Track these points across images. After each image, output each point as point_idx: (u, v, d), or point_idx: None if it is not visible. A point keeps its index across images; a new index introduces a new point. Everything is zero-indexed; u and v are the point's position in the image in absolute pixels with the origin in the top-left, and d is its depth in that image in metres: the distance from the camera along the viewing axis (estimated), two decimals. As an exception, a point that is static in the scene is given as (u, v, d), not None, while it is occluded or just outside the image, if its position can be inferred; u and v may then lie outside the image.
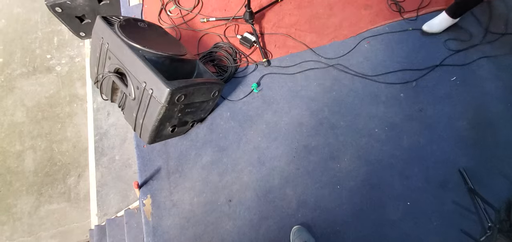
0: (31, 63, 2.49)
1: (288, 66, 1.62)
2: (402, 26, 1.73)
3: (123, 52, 1.12)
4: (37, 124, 2.20)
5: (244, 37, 1.65)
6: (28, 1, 2.85)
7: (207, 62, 1.60)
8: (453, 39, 1.67)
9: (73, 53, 2.53)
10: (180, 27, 1.74)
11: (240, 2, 1.84)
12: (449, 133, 1.42)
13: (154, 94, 1.06)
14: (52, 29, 2.66)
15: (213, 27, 1.73)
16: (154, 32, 1.35)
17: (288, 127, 1.46)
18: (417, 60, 1.62)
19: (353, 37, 1.70)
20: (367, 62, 1.62)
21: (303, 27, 1.74)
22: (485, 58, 1.62)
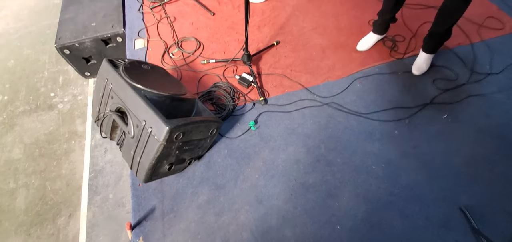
0: (34, 101, 2.55)
1: (285, 104, 1.67)
2: (391, 68, 1.83)
3: (125, 92, 1.17)
4: (33, 161, 2.19)
5: (242, 77, 1.73)
6: (38, 43, 3.02)
7: (206, 100, 1.66)
8: (441, 79, 1.76)
9: (76, 91, 2.61)
10: (181, 68, 1.84)
11: (238, 45, 1.97)
12: (447, 170, 1.42)
13: (153, 132, 1.09)
14: (58, 69, 2.78)
15: (212, 68, 1.83)
16: (157, 73, 1.42)
17: (285, 164, 1.46)
18: (408, 99, 1.68)
19: (345, 77, 1.79)
20: (360, 101, 1.68)
21: (298, 68, 1.84)
22: (474, 97, 1.68)
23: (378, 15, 1.82)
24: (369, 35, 1.91)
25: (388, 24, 1.85)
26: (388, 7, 1.72)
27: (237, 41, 2.00)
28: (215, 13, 2.20)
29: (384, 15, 1.77)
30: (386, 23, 1.83)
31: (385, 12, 1.75)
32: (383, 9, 1.76)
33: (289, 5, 2.26)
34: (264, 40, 2.01)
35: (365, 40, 1.91)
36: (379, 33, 1.88)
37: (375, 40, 1.91)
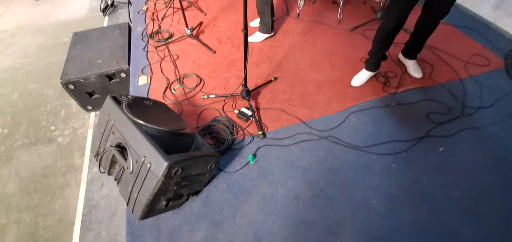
0: (34, 134, 2.57)
1: (283, 138, 1.69)
2: (385, 102, 1.89)
3: (127, 127, 1.19)
4: (27, 196, 2.14)
5: (241, 112, 1.77)
6: (44, 78, 3.12)
7: (205, 135, 1.68)
8: (434, 113, 1.81)
9: (77, 125, 2.64)
10: (182, 103, 1.89)
11: (238, 81, 2.05)
12: (448, 204, 1.41)
13: (152, 167, 1.09)
14: (61, 102, 2.84)
15: (212, 103, 1.88)
16: (158, 108, 1.46)
17: (284, 199, 1.44)
18: (403, 132, 1.71)
19: (341, 111, 1.84)
20: (357, 134, 1.71)
21: (295, 102, 1.89)
22: (468, 130, 1.72)
23: (369, 54, 1.94)
24: (362, 72, 2.01)
25: (379, 62, 1.95)
26: (378, 49, 1.85)
27: (237, 77, 2.09)
28: (216, 51, 2.32)
29: (375, 55, 1.89)
30: (377, 61, 1.93)
31: (375, 52, 1.87)
32: (373, 50, 1.88)
33: (285, 44, 2.39)
34: (262, 76, 2.10)
35: (358, 77, 2.00)
36: (371, 70, 1.98)
37: (368, 77, 2.00)
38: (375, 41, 1.85)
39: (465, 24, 2.55)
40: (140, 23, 2.69)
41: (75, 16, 4.10)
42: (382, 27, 1.77)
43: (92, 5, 4.25)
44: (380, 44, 1.83)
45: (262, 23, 2.34)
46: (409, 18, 1.70)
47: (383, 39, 1.80)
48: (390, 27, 1.71)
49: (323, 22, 2.63)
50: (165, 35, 2.50)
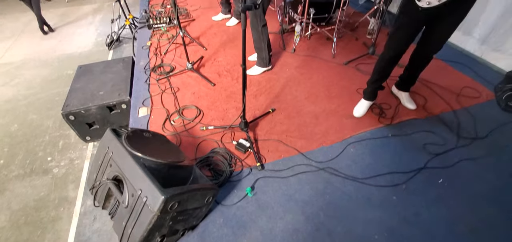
0: (30, 165, 2.54)
1: (281, 170, 1.68)
2: (382, 133, 1.92)
3: (125, 160, 1.19)
4: (16, 230, 2.05)
5: (240, 143, 1.78)
6: (45, 109, 3.16)
7: (203, 166, 1.67)
8: (430, 144, 1.83)
9: (74, 155, 2.62)
10: (181, 134, 1.91)
11: (236, 113, 2.09)
12: (452, 239, 1.37)
13: (148, 202, 1.07)
14: (60, 133, 2.85)
15: (211, 134, 1.90)
16: (157, 141, 1.47)
17: (283, 234, 1.39)
18: (401, 163, 1.72)
19: (339, 142, 1.85)
20: (355, 166, 1.71)
21: (293, 134, 1.91)
22: (465, 161, 1.73)
23: (367, 84, 2.01)
24: (361, 102, 2.07)
25: (376, 92, 2.02)
26: (376, 78, 1.93)
27: (235, 109, 2.13)
28: (216, 83, 2.40)
29: (373, 84, 1.97)
30: (375, 90, 2.00)
31: (373, 81, 1.95)
32: (372, 79, 1.96)
33: (283, 77, 2.48)
34: (261, 108, 2.14)
35: (359, 107, 2.06)
36: (370, 99, 2.04)
37: (368, 106, 2.05)
38: (375, 71, 1.93)
39: (454, 59, 2.68)
40: (144, 58, 2.80)
41: (81, 50, 4.26)
42: (383, 56, 1.85)
43: (98, 40, 4.44)
44: (380, 73, 1.91)
45: (260, 58, 2.45)
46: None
47: (383, 68, 1.89)
48: (390, 56, 1.80)
49: (318, 56, 2.76)
50: (167, 68, 2.59)
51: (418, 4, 1.51)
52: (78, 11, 5.59)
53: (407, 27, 1.67)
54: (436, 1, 1.45)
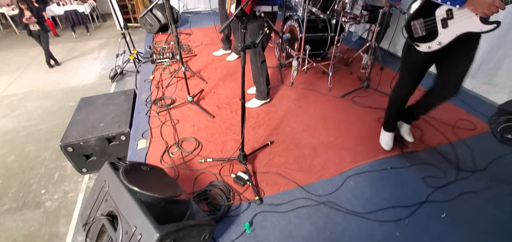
0: (23, 198, 2.47)
1: (280, 204, 1.65)
2: (381, 165, 1.92)
3: (121, 195, 1.17)
4: (0, 270, 1.94)
5: (238, 176, 1.77)
6: (43, 140, 3.16)
7: (201, 200, 1.64)
8: (430, 177, 1.82)
9: (68, 188, 2.57)
10: (179, 167, 1.89)
11: (235, 145, 2.10)
12: (460, 280, 1.30)
13: (142, 239, 1.04)
14: (57, 165, 2.82)
15: (209, 167, 1.89)
16: (155, 174, 1.46)
17: (283, 275, 1.33)
18: (402, 196, 1.69)
19: (338, 175, 1.84)
20: (355, 199, 1.68)
21: (292, 166, 1.91)
22: (466, 194, 1.71)
23: (386, 118, 2.05)
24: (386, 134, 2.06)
25: (396, 123, 2.05)
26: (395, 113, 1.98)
27: (234, 141, 2.14)
28: (215, 116, 2.44)
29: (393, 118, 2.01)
30: (395, 122, 2.04)
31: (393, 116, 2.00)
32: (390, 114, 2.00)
33: (281, 109, 2.53)
34: (259, 140, 2.16)
35: (385, 140, 2.05)
36: (393, 131, 2.06)
37: (392, 136, 2.06)
38: (392, 107, 1.97)
39: (446, 92, 2.76)
40: (146, 90, 2.88)
41: (85, 82, 4.38)
42: (396, 95, 1.89)
43: (102, 73, 4.59)
44: (397, 108, 1.95)
45: (258, 91, 2.52)
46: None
47: (398, 106, 1.93)
48: (403, 95, 1.85)
49: (315, 89, 2.84)
50: (168, 101, 2.65)
51: (418, 49, 1.54)
52: (85, 46, 5.84)
53: (414, 68, 1.68)
54: (437, 45, 1.46)
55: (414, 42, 1.55)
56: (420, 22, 1.50)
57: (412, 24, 1.54)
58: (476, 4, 1.25)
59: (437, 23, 1.43)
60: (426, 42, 1.50)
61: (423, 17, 1.49)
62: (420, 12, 1.51)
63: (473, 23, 1.33)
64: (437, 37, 1.45)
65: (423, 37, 1.51)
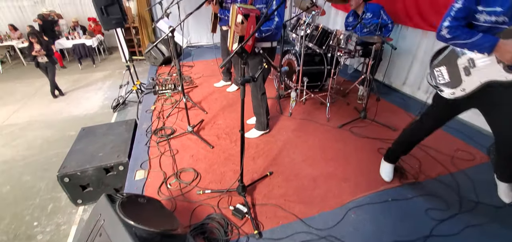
0: (14, 230, 2.38)
1: (280, 239, 1.59)
2: (381, 197, 1.89)
3: (116, 229, 1.15)
4: None
5: (237, 209, 1.73)
6: (41, 170, 3.13)
7: (198, 234, 1.59)
8: (433, 209, 1.78)
9: (61, 220, 2.49)
10: (177, 198, 1.86)
11: (234, 176, 2.08)
12: None
13: (135, 277, 0.99)
14: (52, 195, 2.76)
15: (208, 199, 1.85)
16: (151, 206, 1.43)
17: None
18: (405, 230, 1.64)
19: (339, 207, 1.80)
20: (357, 233, 1.63)
21: (291, 198, 1.87)
22: (471, 228, 1.66)
23: (394, 148, 1.99)
24: (387, 165, 2.05)
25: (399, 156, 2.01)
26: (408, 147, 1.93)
27: (233, 171, 2.13)
28: (214, 146, 2.45)
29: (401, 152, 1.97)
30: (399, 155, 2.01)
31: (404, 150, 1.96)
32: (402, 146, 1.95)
33: (280, 139, 2.55)
34: (258, 170, 2.15)
35: (386, 171, 2.04)
36: (393, 162, 2.04)
37: (393, 168, 2.04)
38: (404, 142, 1.91)
39: (443, 122, 2.80)
40: (146, 121, 2.92)
41: (87, 112, 4.45)
42: (417, 132, 1.83)
43: (105, 103, 4.68)
44: (409, 145, 1.91)
45: (258, 122, 2.56)
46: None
47: (414, 142, 1.88)
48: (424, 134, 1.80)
49: (314, 120, 2.89)
50: (168, 131, 2.68)
51: (442, 95, 1.51)
52: (90, 77, 6.02)
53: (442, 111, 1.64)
54: (460, 92, 1.42)
55: (438, 87, 1.54)
56: (444, 69, 1.49)
57: (436, 70, 1.53)
58: (503, 52, 1.22)
59: (460, 71, 1.42)
60: (450, 88, 1.48)
61: (446, 65, 1.48)
62: (444, 59, 1.49)
63: (496, 71, 1.29)
64: (461, 84, 1.42)
65: (447, 83, 1.49)
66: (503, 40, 1.21)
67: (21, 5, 7.22)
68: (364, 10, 3.09)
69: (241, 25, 1.98)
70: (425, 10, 3.05)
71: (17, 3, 7.16)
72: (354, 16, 3.25)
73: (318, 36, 2.85)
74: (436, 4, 2.92)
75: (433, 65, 1.55)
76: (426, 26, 3.09)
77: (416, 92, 3.45)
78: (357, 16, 3.19)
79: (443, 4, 2.84)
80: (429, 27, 3.06)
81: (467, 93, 1.42)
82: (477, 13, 1.26)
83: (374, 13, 3.03)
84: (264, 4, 2.09)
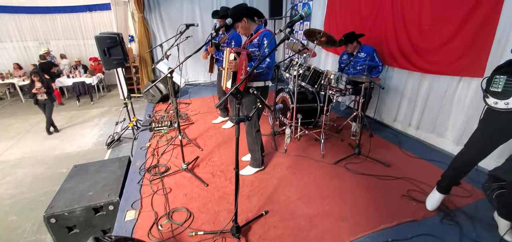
0: (-11, 279, 2.21)
1: (276, 285, 1.51)
2: (381, 237, 1.84)
3: (101, 276, 1.08)
4: None
5: (230, 252, 1.65)
6: (28, 209, 2.99)
7: (188, 281, 1.49)
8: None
9: (43, 266, 2.33)
10: (168, 241, 1.78)
11: (228, 215, 2.02)
12: None
13: None
14: (36, 237, 2.60)
15: (200, 241, 1.78)
16: (140, 250, 1.37)
17: None
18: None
19: (337, 250, 1.74)
20: (357, 278, 1.55)
21: (287, 239, 1.81)
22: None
23: (444, 180, 2.02)
24: (435, 193, 2.08)
25: (451, 186, 2.03)
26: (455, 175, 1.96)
27: (228, 211, 2.07)
28: (209, 184, 2.41)
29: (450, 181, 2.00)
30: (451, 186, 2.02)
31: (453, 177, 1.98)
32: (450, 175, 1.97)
33: (275, 177, 2.54)
34: (253, 209, 2.09)
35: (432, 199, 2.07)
36: (445, 193, 2.05)
37: (441, 199, 2.06)
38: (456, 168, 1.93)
39: (435, 158, 2.84)
40: (141, 158, 2.90)
41: (80, 148, 4.40)
42: (463, 157, 1.86)
43: (99, 140, 4.65)
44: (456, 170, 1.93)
45: (253, 158, 2.57)
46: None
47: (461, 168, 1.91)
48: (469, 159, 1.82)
49: (309, 156, 2.90)
50: (162, 169, 2.65)
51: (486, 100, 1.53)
52: (87, 114, 6.06)
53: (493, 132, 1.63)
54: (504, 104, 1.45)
55: (486, 92, 1.56)
56: (503, 78, 1.50)
57: (495, 76, 1.55)
58: None
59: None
60: (496, 97, 1.49)
61: (507, 75, 1.49)
62: (507, 70, 1.50)
63: None
64: (509, 99, 1.44)
65: (497, 92, 1.50)
66: None
67: (26, 46, 7.52)
68: (359, 50, 3.36)
69: (234, 61, 2.11)
70: (409, 53, 3.27)
71: (23, 43, 7.46)
72: (348, 55, 3.48)
73: (310, 76, 3.00)
74: (418, 48, 3.15)
75: (495, 71, 1.57)
76: (410, 67, 3.29)
77: (407, 128, 3.55)
78: (350, 54, 3.43)
79: (425, 48, 3.07)
80: (413, 68, 3.26)
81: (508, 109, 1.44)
82: None
83: (368, 54, 3.29)
84: (256, 48, 2.24)
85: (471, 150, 1.80)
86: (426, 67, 3.10)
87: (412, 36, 3.20)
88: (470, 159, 1.83)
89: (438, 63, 2.95)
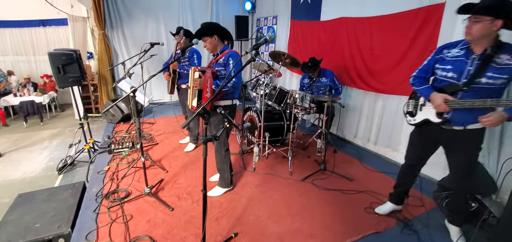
0: None
1: None
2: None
3: None
4: None
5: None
6: None
7: None
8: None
9: None
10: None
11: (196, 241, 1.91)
12: None
13: None
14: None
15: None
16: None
17: None
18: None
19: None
20: None
21: (257, 260, 1.77)
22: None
23: (393, 188, 2.27)
24: (387, 203, 2.32)
25: (401, 196, 2.27)
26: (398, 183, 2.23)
27: (194, 236, 1.97)
28: (174, 208, 2.28)
29: (396, 188, 2.26)
30: (399, 194, 2.26)
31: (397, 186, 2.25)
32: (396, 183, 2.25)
33: (244, 196, 2.51)
34: (222, 232, 2.02)
35: (383, 206, 2.31)
36: (394, 202, 2.28)
37: (391, 208, 2.28)
38: (398, 175, 2.23)
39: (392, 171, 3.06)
40: (98, 183, 2.64)
41: (26, 175, 3.85)
42: (403, 164, 2.17)
43: (49, 165, 4.14)
44: (401, 178, 2.20)
45: (222, 178, 2.52)
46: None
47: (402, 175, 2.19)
48: (408, 165, 2.12)
49: (277, 174, 2.94)
50: (122, 194, 2.44)
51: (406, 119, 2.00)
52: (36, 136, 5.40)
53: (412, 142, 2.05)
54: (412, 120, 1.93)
55: (405, 113, 2.03)
56: (412, 101, 1.99)
57: (409, 101, 2.02)
58: (433, 101, 1.72)
59: (418, 105, 1.91)
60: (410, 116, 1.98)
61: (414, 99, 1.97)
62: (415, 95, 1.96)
63: (433, 114, 1.77)
64: (416, 116, 1.92)
65: (409, 112, 2.00)
66: (434, 93, 1.70)
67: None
68: (321, 73, 3.61)
69: (199, 79, 2.12)
70: (364, 74, 3.62)
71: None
72: (309, 78, 3.69)
73: (276, 95, 3.11)
74: (372, 70, 3.51)
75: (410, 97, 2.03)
76: (366, 87, 3.63)
77: (366, 144, 3.83)
78: (311, 78, 3.65)
79: (377, 70, 3.42)
80: (368, 88, 3.60)
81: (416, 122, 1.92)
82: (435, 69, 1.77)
83: (328, 78, 3.58)
84: (222, 67, 2.27)
85: (407, 160, 2.14)
86: (378, 87, 3.44)
87: (366, 59, 3.56)
88: (407, 166, 2.14)
89: (388, 83, 3.30)
